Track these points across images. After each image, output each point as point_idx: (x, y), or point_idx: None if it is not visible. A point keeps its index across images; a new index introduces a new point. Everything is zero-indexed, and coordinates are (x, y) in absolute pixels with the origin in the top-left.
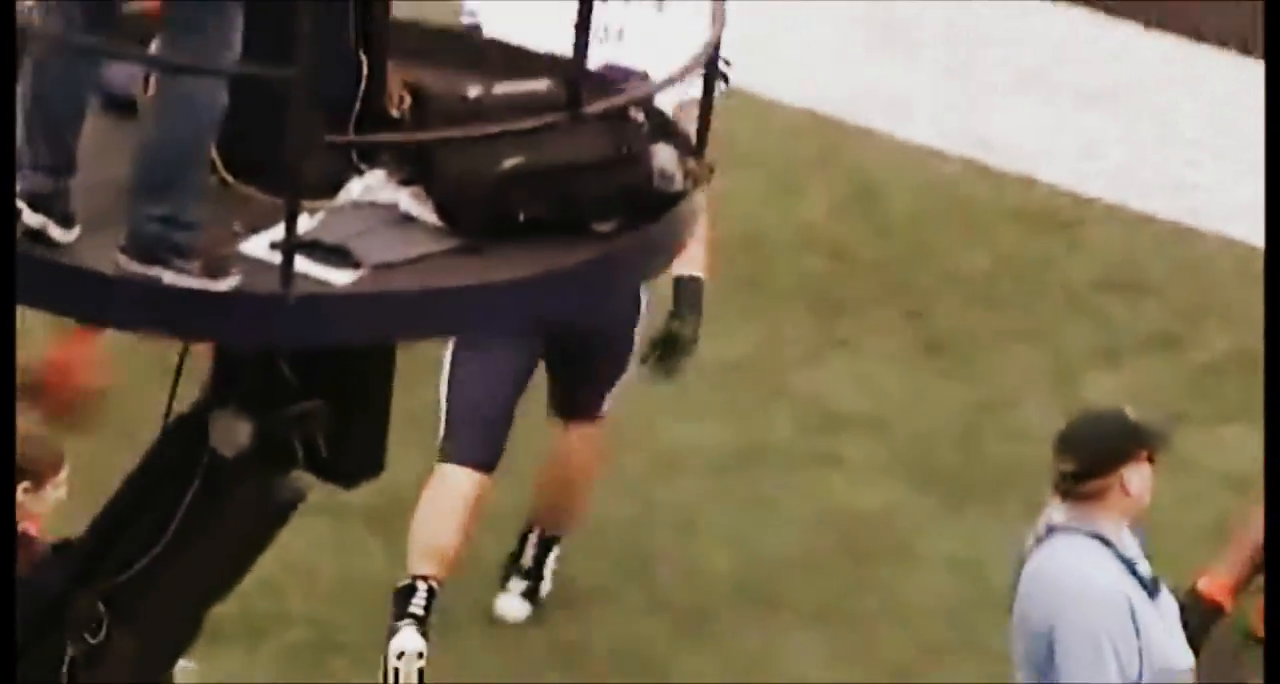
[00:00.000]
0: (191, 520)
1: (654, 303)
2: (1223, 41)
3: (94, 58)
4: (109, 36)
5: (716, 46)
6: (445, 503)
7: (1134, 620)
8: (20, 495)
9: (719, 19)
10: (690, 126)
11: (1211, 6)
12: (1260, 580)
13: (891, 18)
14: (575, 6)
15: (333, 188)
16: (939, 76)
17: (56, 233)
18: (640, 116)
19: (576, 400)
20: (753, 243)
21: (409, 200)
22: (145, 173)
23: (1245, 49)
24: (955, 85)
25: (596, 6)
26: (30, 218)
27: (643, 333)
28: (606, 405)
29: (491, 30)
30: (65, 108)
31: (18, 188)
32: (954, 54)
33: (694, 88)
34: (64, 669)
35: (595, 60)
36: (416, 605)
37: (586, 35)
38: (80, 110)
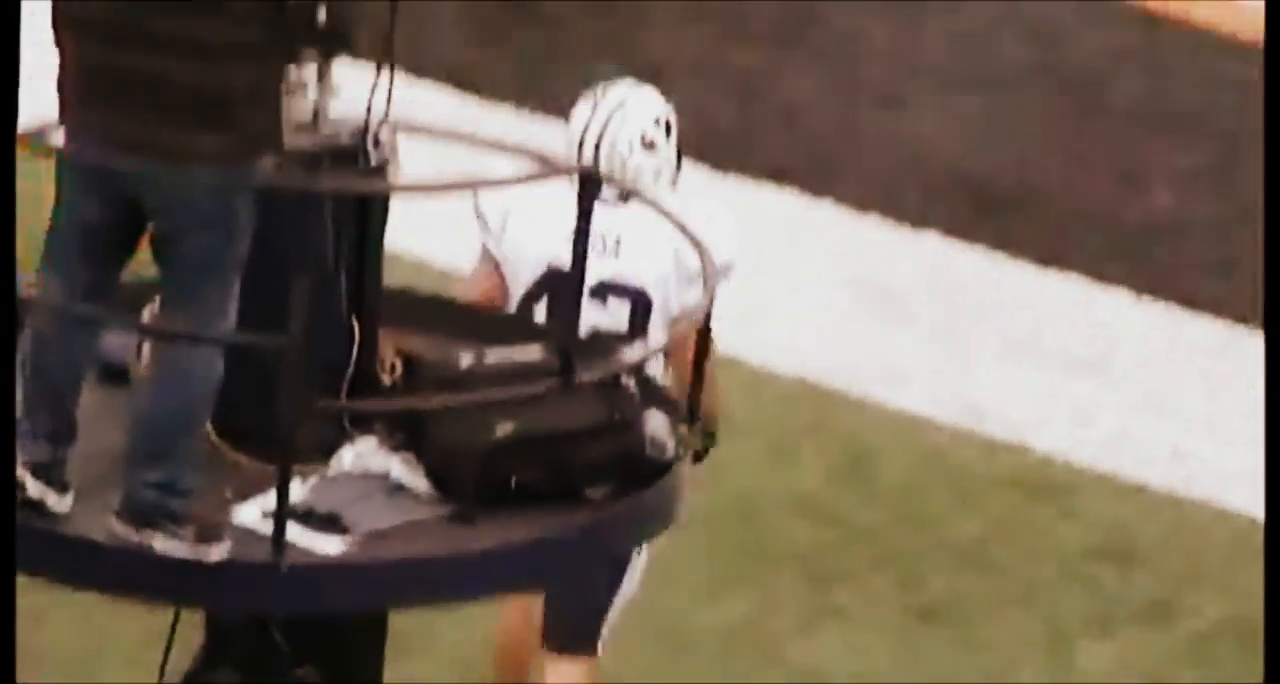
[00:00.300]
0: None
1: None
2: (1216, 310)
3: (93, 326)
4: (106, 306)
5: (708, 319)
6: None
7: None
8: None
9: (710, 288)
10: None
11: (1205, 274)
12: None
13: (882, 286)
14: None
15: (324, 455)
16: (930, 344)
17: (53, 501)
18: (632, 383)
19: (573, 624)
20: (746, 510)
21: (400, 468)
22: (142, 440)
23: (1239, 318)
24: (947, 353)
25: (595, 216)
26: (32, 487)
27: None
28: (602, 642)
29: (497, 231)
30: (65, 376)
31: (19, 458)
32: (945, 322)
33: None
34: None
35: (595, 275)
36: None
37: (579, 304)
38: (80, 378)
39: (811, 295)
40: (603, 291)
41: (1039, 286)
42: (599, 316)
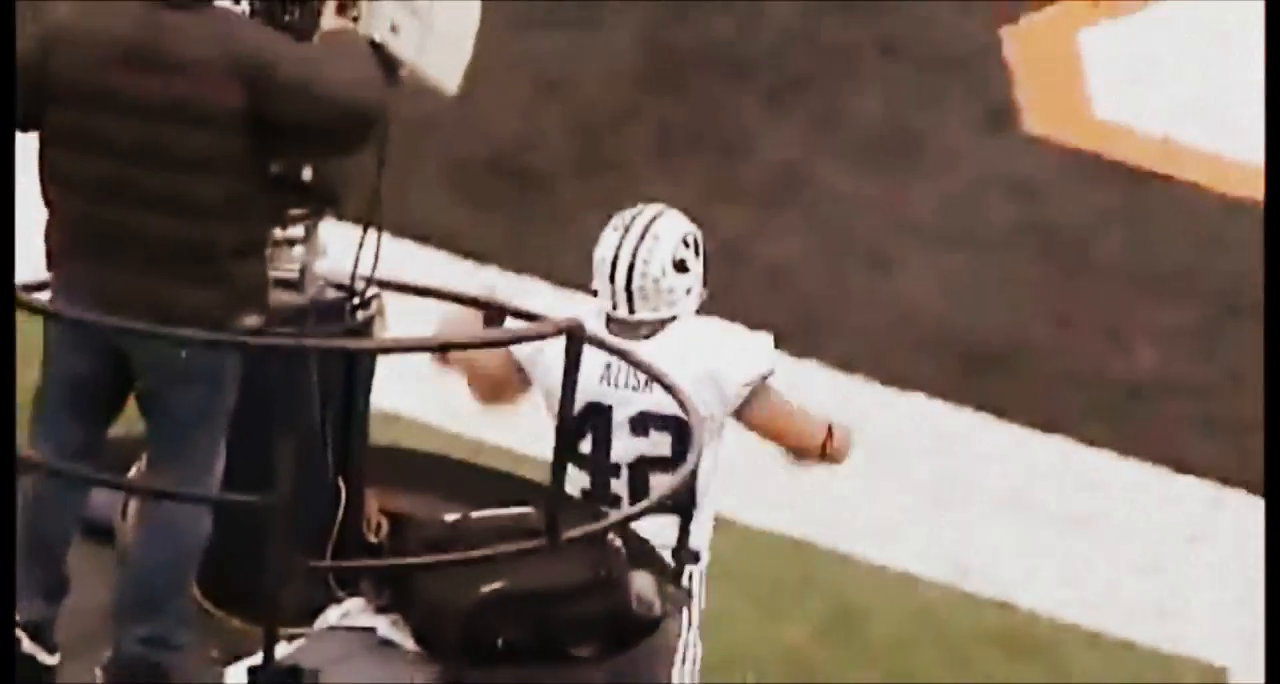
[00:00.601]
0: None
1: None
2: (1201, 469)
3: (84, 484)
4: (94, 462)
5: (693, 483)
6: None
7: None
8: None
9: (698, 442)
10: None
11: (1190, 434)
12: None
13: (869, 445)
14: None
15: (311, 614)
16: (918, 503)
17: (43, 656)
18: (619, 541)
19: None
20: (733, 667)
21: (387, 626)
22: (131, 594)
23: (1224, 477)
24: (934, 511)
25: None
26: (27, 645)
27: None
28: None
29: (529, 364)
30: (57, 532)
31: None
32: (932, 481)
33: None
34: None
35: (634, 408)
36: None
37: (564, 466)
38: (71, 534)
39: None
40: (643, 423)
41: (1026, 446)
42: (643, 446)
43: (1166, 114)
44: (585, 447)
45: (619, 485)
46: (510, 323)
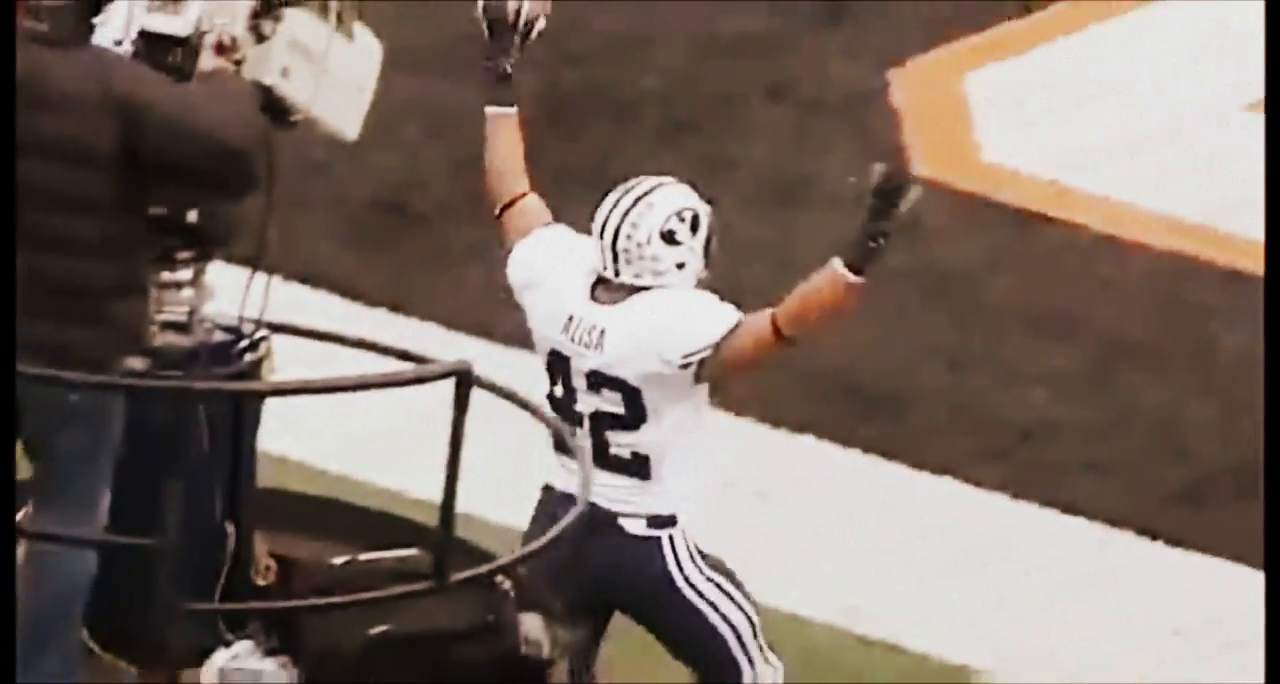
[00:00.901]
0: None
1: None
2: (1091, 511)
3: None
4: None
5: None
6: None
7: None
8: None
9: (585, 490)
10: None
11: (1080, 476)
12: None
13: (759, 488)
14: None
15: (200, 656)
16: (808, 544)
17: None
18: (507, 583)
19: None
20: None
21: (276, 669)
22: (19, 637)
23: (1113, 520)
24: (824, 553)
25: (586, 310)
26: None
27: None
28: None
29: (517, 289)
30: None
31: None
32: (822, 522)
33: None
34: None
35: (587, 366)
36: None
37: (452, 507)
38: None
39: None
40: (595, 382)
41: (915, 488)
42: (597, 401)
43: (1054, 157)
44: (558, 391)
45: (581, 435)
46: (397, 365)
